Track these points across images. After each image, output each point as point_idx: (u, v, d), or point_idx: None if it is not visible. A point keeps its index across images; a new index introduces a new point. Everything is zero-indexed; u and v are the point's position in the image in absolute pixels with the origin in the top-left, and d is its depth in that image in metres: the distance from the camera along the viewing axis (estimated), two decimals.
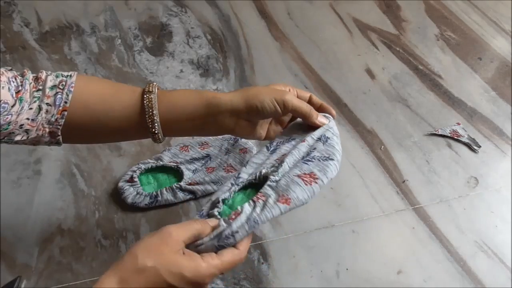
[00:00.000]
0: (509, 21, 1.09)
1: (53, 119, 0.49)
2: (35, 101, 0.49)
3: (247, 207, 0.46)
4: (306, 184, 0.47)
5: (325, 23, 1.05)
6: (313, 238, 0.70)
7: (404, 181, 0.78)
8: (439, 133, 0.84)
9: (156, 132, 0.51)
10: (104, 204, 0.72)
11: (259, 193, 0.47)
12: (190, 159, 0.75)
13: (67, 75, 0.51)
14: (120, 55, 0.95)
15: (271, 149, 0.55)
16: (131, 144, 0.80)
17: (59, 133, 0.50)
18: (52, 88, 0.49)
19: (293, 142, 0.54)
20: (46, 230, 0.68)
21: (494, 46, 1.03)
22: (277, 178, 0.48)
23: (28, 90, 0.48)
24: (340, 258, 0.68)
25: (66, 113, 0.49)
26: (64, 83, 0.50)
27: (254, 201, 0.46)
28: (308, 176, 0.48)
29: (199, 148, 0.77)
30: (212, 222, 0.45)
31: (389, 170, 0.79)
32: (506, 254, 0.70)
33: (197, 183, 0.72)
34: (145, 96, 0.50)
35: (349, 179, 0.77)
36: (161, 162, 0.74)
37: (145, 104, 0.50)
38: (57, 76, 0.50)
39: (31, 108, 0.48)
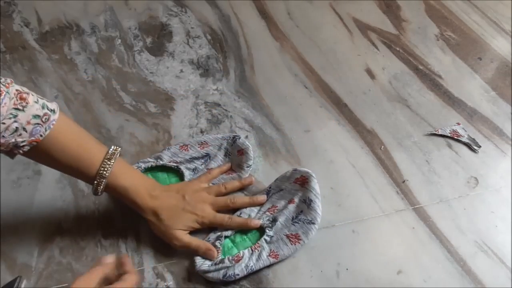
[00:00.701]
0: (509, 21, 1.09)
1: (21, 144, 0.51)
2: (10, 118, 0.49)
3: (246, 254, 0.64)
4: (291, 244, 0.66)
5: (325, 23, 1.05)
6: (313, 238, 0.70)
7: (404, 181, 0.78)
8: (439, 133, 0.84)
9: (98, 192, 0.61)
10: (104, 204, 0.72)
11: (256, 244, 0.65)
12: (190, 158, 0.75)
13: (51, 109, 0.54)
14: (120, 55, 0.95)
15: (268, 196, 0.72)
16: (131, 144, 0.80)
17: (18, 154, 0.54)
18: (35, 117, 0.51)
19: (281, 193, 0.71)
20: (46, 230, 0.68)
21: (494, 46, 1.03)
22: (271, 234, 0.66)
23: (7, 105, 0.48)
24: (340, 258, 0.68)
25: (35, 143, 0.52)
26: (47, 117, 0.53)
27: (252, 250, 0.65)
28: (294, 236, 0.66)
29: (198, 147, 0.77)
30: (110, 258, 0.52)
31: (389, 170, 0.79)
32: (506, 254, 0.70)
33: None
34: (103, 162, 0.59)
35: (349, 179, 0.77)
36: (161, 162, 0.74)
37: (100, 171, 0.59)
38: (42, 107, 0.52)
39: (3, 123, 0.48)
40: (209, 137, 0.78)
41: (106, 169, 0.59)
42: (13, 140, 0.50)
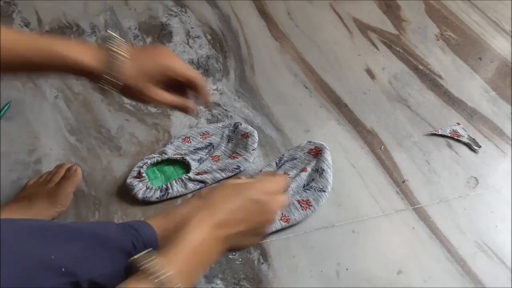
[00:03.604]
0: (509, 21, 1.09)
1: None
2: None
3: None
4: (302, 209, 0.68)
5: (325, 23, 1.05)
6: (313, 238, 0.70)
7: (404, 181, 0.77)
8: (439, 133, 0.84)
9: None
10: (104, 204, 0.72)
11: None
12: (194, 149, 0.77)
13: None
14: None
15: (279, 165, 0.75)
16: (131, 144, 0.80)
17: None
18: None
19: (294, 161, 0.74)
20: None
21: (494, 46, 1.03)
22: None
23: None
24: (340, 258, 0.68)
25: None
26: None
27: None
28: (305, 202, 0.69)
29: (200, 138, 0.78)
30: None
31: (389, 170, 0.79)
32: (506, 254, 0.70)
33: (206, 172, 0.73)
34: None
35: (349, 179, 0.77)
36: (166, 156, 0.75)
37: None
38: None
39: None
40: (210, 127, 0.80)
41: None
42: None
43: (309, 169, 0.73)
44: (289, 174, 0.73)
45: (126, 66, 0.49)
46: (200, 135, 0.78)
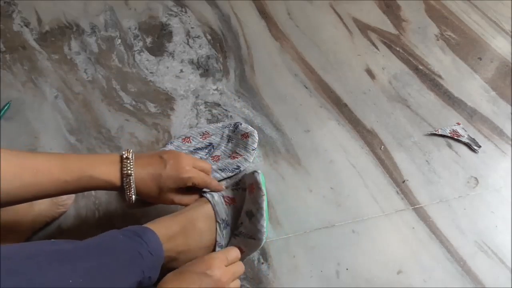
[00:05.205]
0: (509, 21, 1.09)
1: None
2: None
3: None
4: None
5: (325, 23, 1.05)
6: (313, 238, 0.70)
7: (404, 181, 0.77)
8: (439, 133, 0.84)
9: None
10: (104, 204, 0.72)
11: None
12: (194, 149, 0.76)
13: None
14: (120, 55, 0.95)
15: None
16: (131, 144, 0.80)
17: None
18: None
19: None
20: (46, 230, 0.68)
21: (494, 46, 1.03)
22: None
23: None
24: (340, 258, 0.68)
25: None
26: None
27: None
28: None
29: (200, 138, 0.78)
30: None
31: (389, 170, 0.79)
32: (506, 254, 0.70)
33: None
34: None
35: (349, 179, 0.77)
36: None
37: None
38: None
39: None
40: (209, 126, 0.80)
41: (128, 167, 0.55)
42: None
43: (243, 213, 0.62)
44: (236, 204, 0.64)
45: (139, 184, 0.56)
46: (200, 135, 0.79)
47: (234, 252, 0.57)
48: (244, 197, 0.62)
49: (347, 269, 0.67)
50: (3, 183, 0.45)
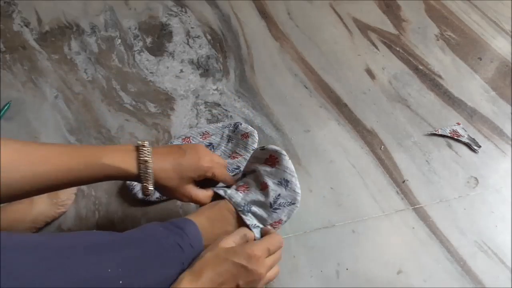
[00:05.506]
0: (509, 21, 1.09)
1: None
2: None
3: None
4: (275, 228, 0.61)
5: (325, 23, 1.05)
6: (313, 238, 0.70)
7: (404, 181, 0.77)
8: (439, 133, 0.84)
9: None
10: (104, 204, 0.72)
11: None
12: None
13: None
14: (120, 55, 0.95)
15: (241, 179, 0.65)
16: (131, 144, 0.79)
17: None
18: None
19: (254, 174, 0.63)
20: (46, 230, 0.68)
21: (494, 46, 1.03)
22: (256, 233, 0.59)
23: None
24: (340, 258, 0.68)
25: None
26: None
27: None
28: (277, 223, 0.60)
29: (200, 138, 0.78)
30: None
31: (389, 170, 0.79)
32: (506, 254, 0.70)
33: None
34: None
35: (349, 179, 0.77)
36: None
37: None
38: None
39: None
40: (209, 126, 0.80)
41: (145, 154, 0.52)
42: None
43: (270, 183, 0.60)
44: (249, 188, 0.62)
45: (158, 173, 0.52)
46: (200, 135, 0.79)
47: (276, 242, 0.54)
48: (253, 179, 0.63)
49: (347, 269, 0.67)
50: (13, 173, 0.43)
